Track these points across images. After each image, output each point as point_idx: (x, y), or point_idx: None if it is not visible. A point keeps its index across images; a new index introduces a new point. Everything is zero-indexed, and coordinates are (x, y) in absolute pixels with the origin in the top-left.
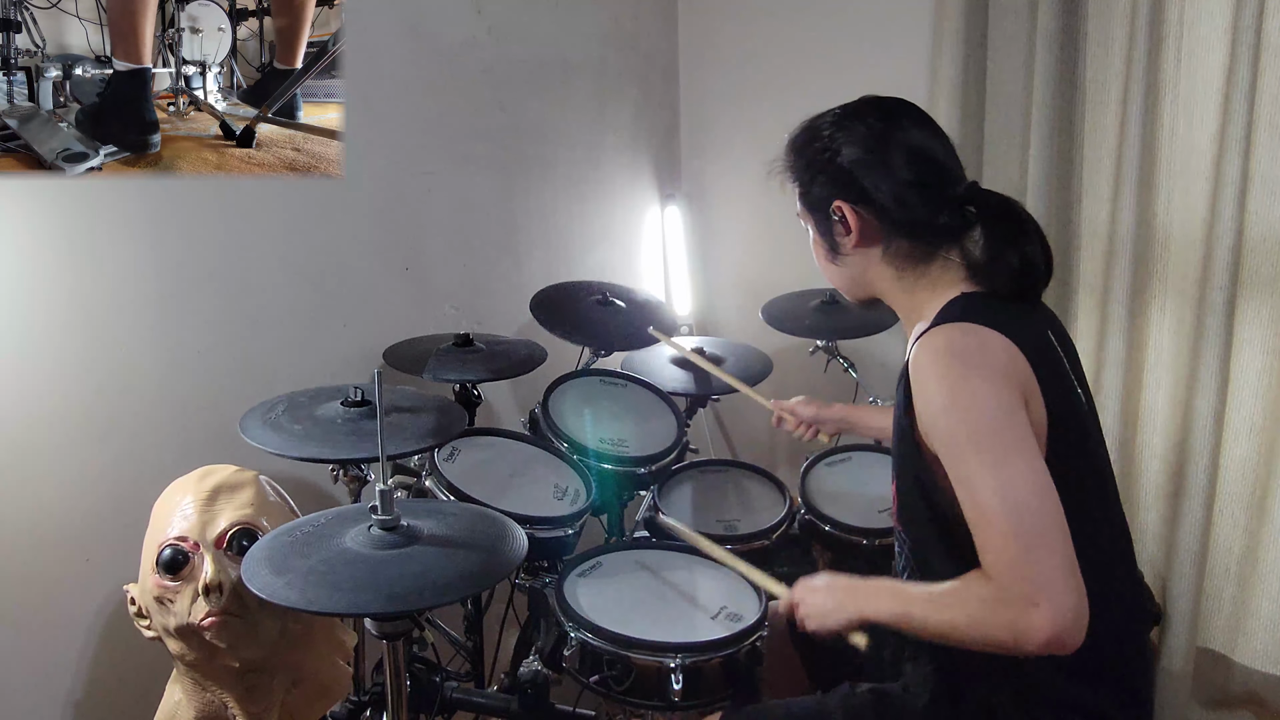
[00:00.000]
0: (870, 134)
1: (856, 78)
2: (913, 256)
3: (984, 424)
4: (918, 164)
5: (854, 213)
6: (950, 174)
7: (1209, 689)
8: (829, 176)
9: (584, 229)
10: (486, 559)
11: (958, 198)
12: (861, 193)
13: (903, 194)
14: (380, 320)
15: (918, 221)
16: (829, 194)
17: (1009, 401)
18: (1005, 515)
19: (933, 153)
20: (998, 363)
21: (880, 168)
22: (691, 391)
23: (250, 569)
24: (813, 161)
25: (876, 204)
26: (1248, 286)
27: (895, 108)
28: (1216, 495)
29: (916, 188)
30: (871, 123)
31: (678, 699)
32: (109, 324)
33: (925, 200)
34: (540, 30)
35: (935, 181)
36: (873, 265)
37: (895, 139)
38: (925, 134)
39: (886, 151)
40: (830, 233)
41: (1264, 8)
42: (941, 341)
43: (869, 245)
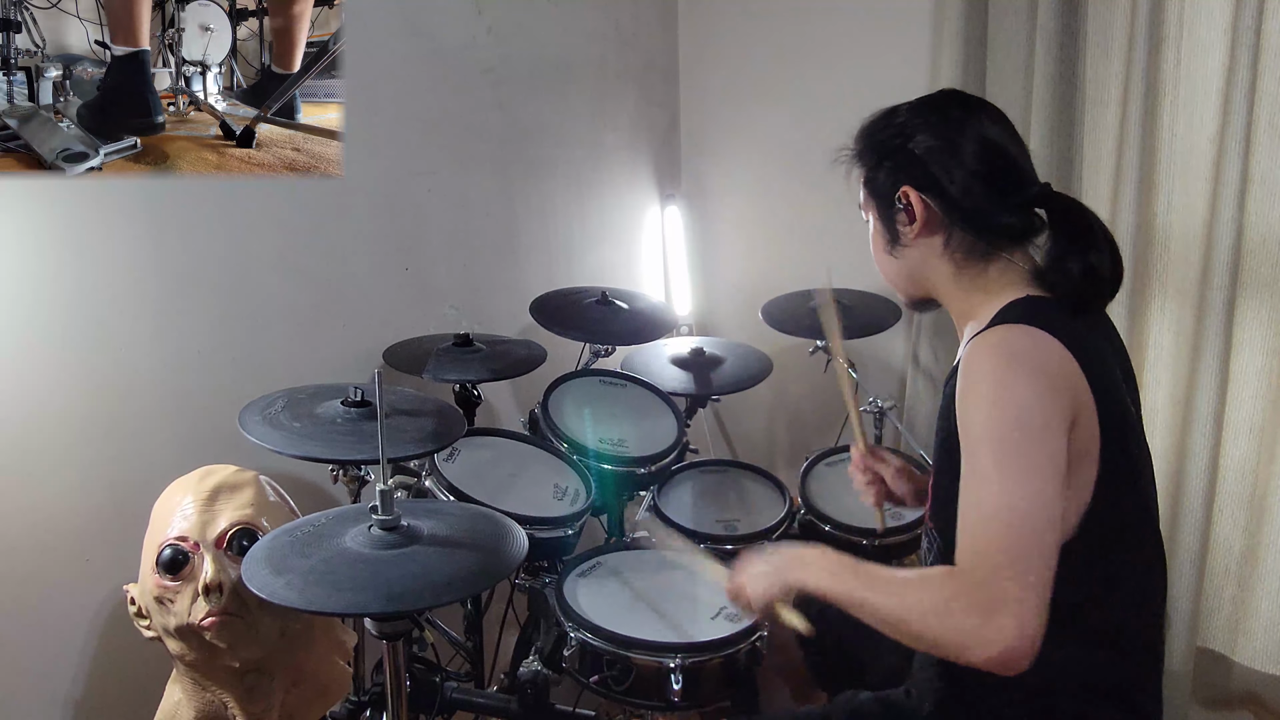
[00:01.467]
0: (946, 123)
1: (856, 78)
2: (974, 253)
3: (1017, 432)
4: (990, 158)
5: (920, 200)
6: (1023, 173)
7: (1209, 689)
8: (899, 161)
9: (584, 229)
10: (486, 559)
11: (1028, 198)
12: (930, 180)
13: (972, 185)
14: (380, 320)
15: (983, 216)
16: (897, 179)
17: (1050, 414)
18: (1006, 524)
19: (1007, 150)
20: (1049, 369)
21: (952, 156)
22: (691, 391)
23: (250, 569)
24: (883, 145)
25: (944, 193)
26: (1247, 287)
27: (975, 102)
28: (1216, 495)
29: (986, 181)
30: (949, 112)
31: (677, 699)
32: (109, 324)
33: (993, 195)
34: (540, 30)
35: (1006, 178)
36: (931, 259)
37: (971, 131)
38: (1002, 132)
39: (961, 141)
40: (893, 220)
41: (1264, 8)
42: (996, 339)
43: (931, 235)
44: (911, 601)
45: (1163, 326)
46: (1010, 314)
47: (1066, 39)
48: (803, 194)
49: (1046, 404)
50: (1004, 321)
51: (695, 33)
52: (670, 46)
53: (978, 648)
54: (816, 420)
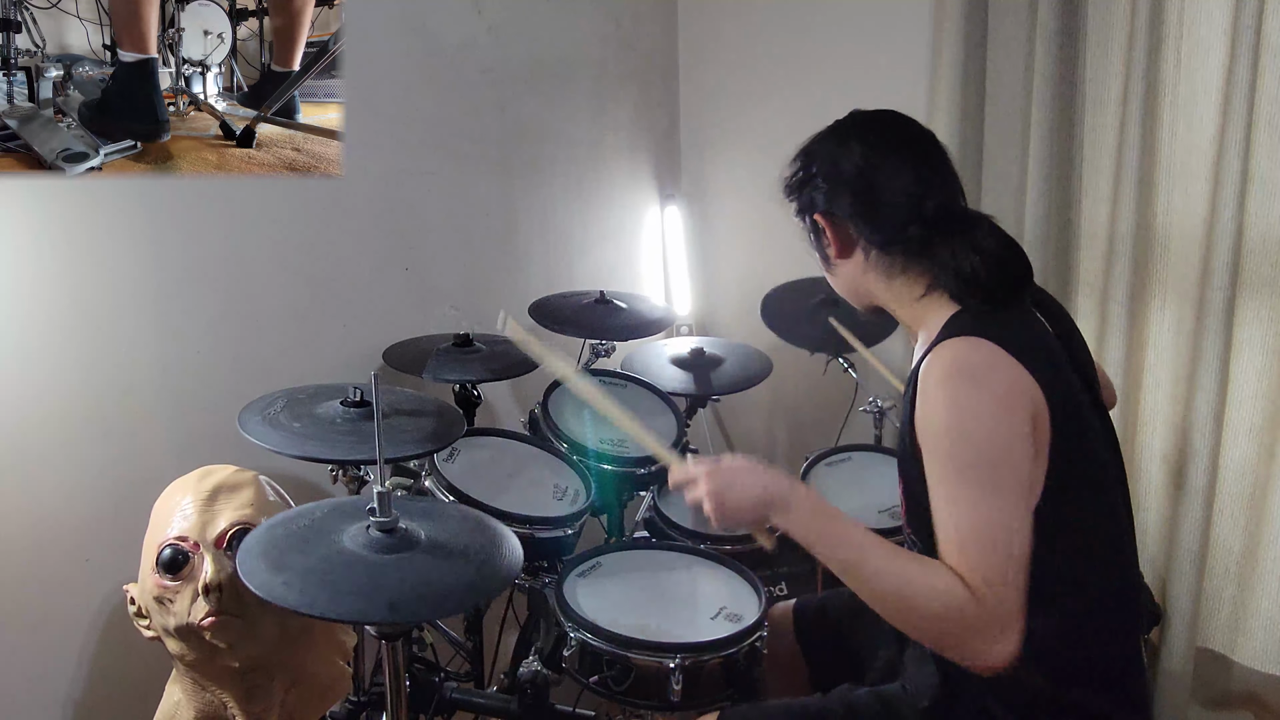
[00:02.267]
0: (841, 150)
1: (856, 78)
2: (894, 268)
3: (982, 454)
4: (880, 181)
5: (830, 226)
6: (914, 191)
7: (1209, 689)
8: (808, 192)
9: (584, 229)
10: (483, 571)
11: (921, 213)
12: (834, 206)
13: (865, 210)
14: (380, 320)
15: (883, 235)
16: (809, 206)
17: (1012, 429)
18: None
19: (896, 170)
20: (1004, 382)
21: (846, 183)
22: (691, 391)
23: (246, 563)
24: (795, 175)
25: (846, 217)
26: (1247, 287)
27: (870, 122)
28: (1216, 495)
29: (878, 204)
30: (845, 139)
31: (677, 699)
32: (109, 324)
33: (886, 216)
34: (540, 30)
35: (896, 200)
36: (859, 275)
37: (861, 155)
38: (896, 149)
39: (852, 168)
40: (818, 243)
41: (1264, 8)
42: (950, 356)
43: (849, 256)
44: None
45: (1163, 326)
46: (957, 326)
47: (1066, 39)
48: None
49: (1005, 419)
50: (955, 334)
51: (695, 33)
52: (670, 46)
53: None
54: (816, 420)
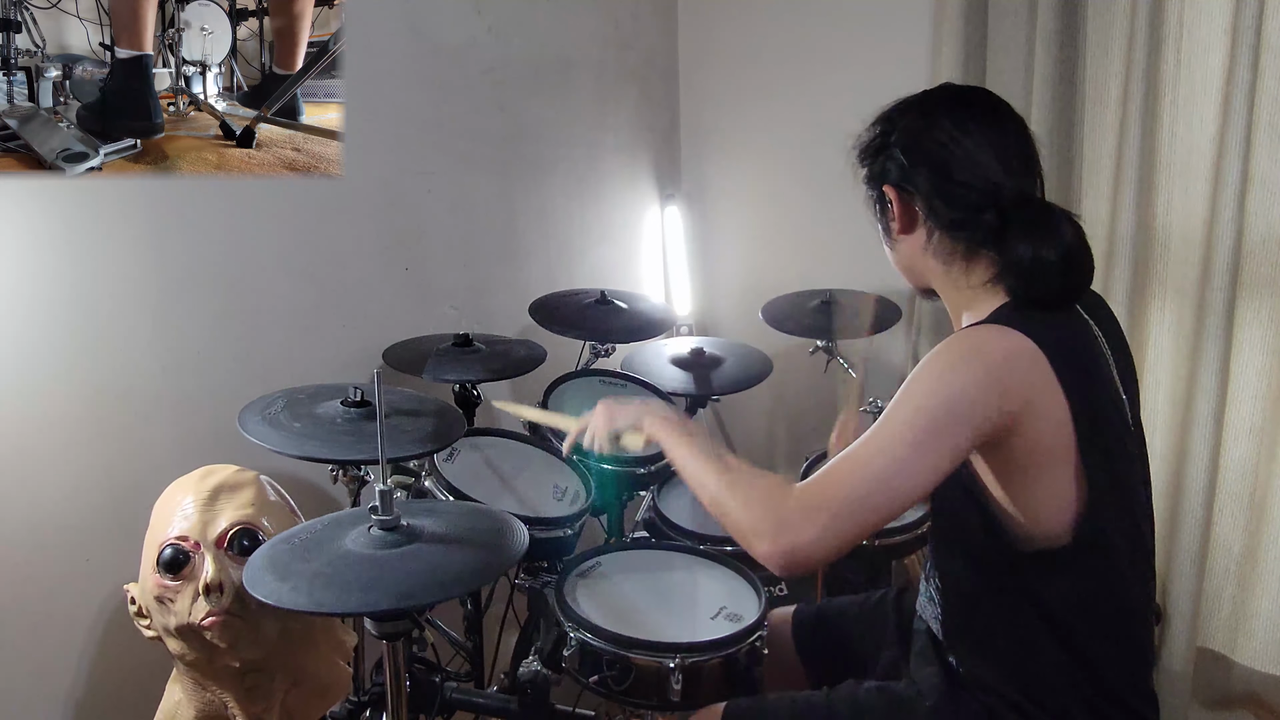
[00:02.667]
0: (924, 125)
1: (856, 78)
2: (954, 253)
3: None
4: (961, 162)
5: (898, 200)
6: (994, 178)
7: (1209, 689)
8: (881, 160)
9: (584, 229)
10: (488, 554)
11: (998, 200)
12: (905, 180)
13: (940, 189)
14: (380, 320)
15: (953, 219)
16: (881, 176)
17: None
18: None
19: (981, 153)
20: (1009, 366)
21: (924, 159)
22: (691, 391)
23: (253, 577)
24: (872, 141)
25: (919, 194)
26: (1247, 287)
27: (962, 100)
28: (1216, 495)
29: (954, 185)
30: (930, 113)
31: (677, 699)
32: (109, 324)
33: (961, 198)
34: (540, 30)
35: (975, 181)
36: (919, 254)
37: (945, 132)
38: (984, 131)
39: (934, 144)
40: (882, 215)
41: (1264, 8)
42: (968, 334)
43: (912, 233)
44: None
45: (1163, 326)
46: (998, 315)
47: (1066, 39)
48: (803, 194)
49: (974, 401)
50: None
51: (695, 33)
52: (670, 46)
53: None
54: (816, 420)
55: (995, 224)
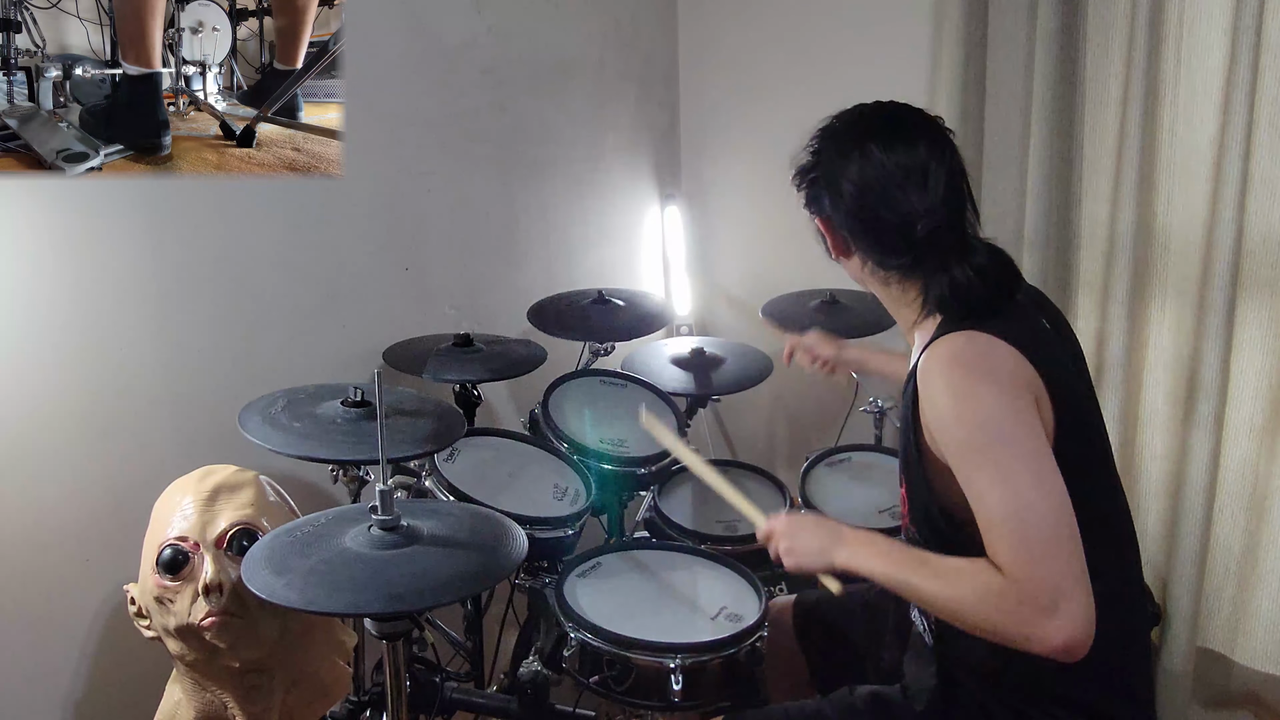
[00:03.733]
0: (840, 160)
1: (856, 78)
2: (889, 278)
3: (993, 432)
4: (874, 200)
5: (828, 229)
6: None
7: (1209, 689)
8: (810, 191)
9: (584, 229)
10: (487, 559)
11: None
12: (830, 215)
13: (857, 228)
14: (380, 320)
15: (875, 254)
16: (810, 207)
17: (1017, 406)
18: (1018, 524)
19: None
20: (1004, 368)
21: (840, 197)
22: (691, 391)
23: (250, 570)
24: (805, 169)
25: (843, 227)
26: (1248, 287)
27: (874, 127)
28: (1216, 495)
29: (871, 225)
30: (845, 147)
31: (678, 699)
32: (109, 324)
33: (875, 239)
34: (540, 30)
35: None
36: (859, 276)
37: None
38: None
39: (848, 183)
40: (821, 240)
41: (1264, 8)
42: (947, 350)
43: (847, 258)
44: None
45: (1163, 326)
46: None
47: (1066, 39)
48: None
49: (1009, 398)
50: (950, 330)
51: (695, 33)
52: (670, 46)
53: (1040, 644)
54: (816, 420)
55: (913, 259)
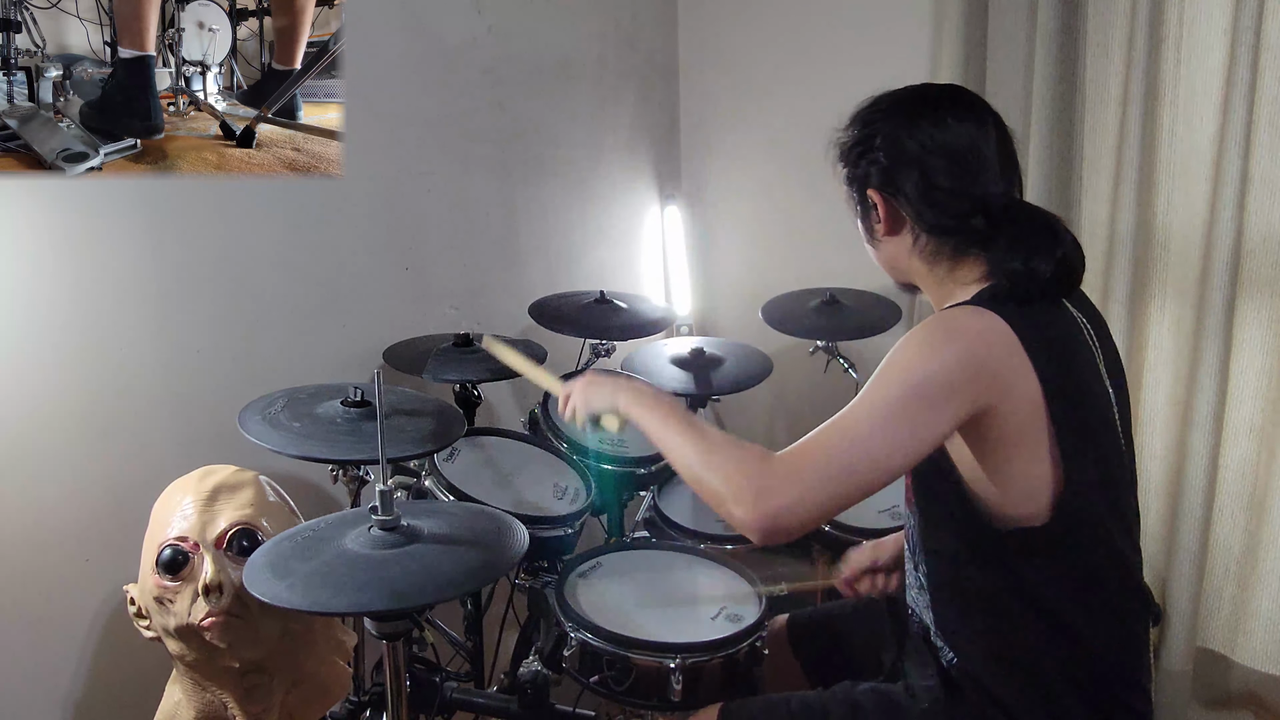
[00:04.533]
0: (909, 127)
1: (856, 78)
2: (941, 253)
3: (917, 379)
4: (949, 166)
5: (885, 202)
6: (982, 180)
7: (1209, 689)
8: (866, 161)
9: (584, 229)
10: (488, 554)
11: (987, 205)
12: (891, 183)
13: (929, 195)
14: (380, 320)
15: (942, 221)
16: (865, 179)
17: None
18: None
19: (968, 156)
20: (981, 349)
21: (911, 165)
22: (691, 391)
23: (252, 576)
24: (857, 143)
25: (906, 199)
26: (1247, 286)
27: (944, 100)
28: (1216, 495)
29: (943, 191)
30: (914, 113)
31: (678, 699)
32: (109, 324)
33: (951, 203)
34: (540, 30)
35: (964, 186)
36: (903, 255)
37: (931, 137)
38: (969, 133)
39: (916, 148)
40: (866, 217)
41: (1263, 8)
42: (942, 316)
43: (898, 234)
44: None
45: (1163, 326)
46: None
47: (1066, 39)
48: (803, 194)
49: (954, 381)
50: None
51: (695, 33)
52: (670, 46)
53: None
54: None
55: (984, 229)
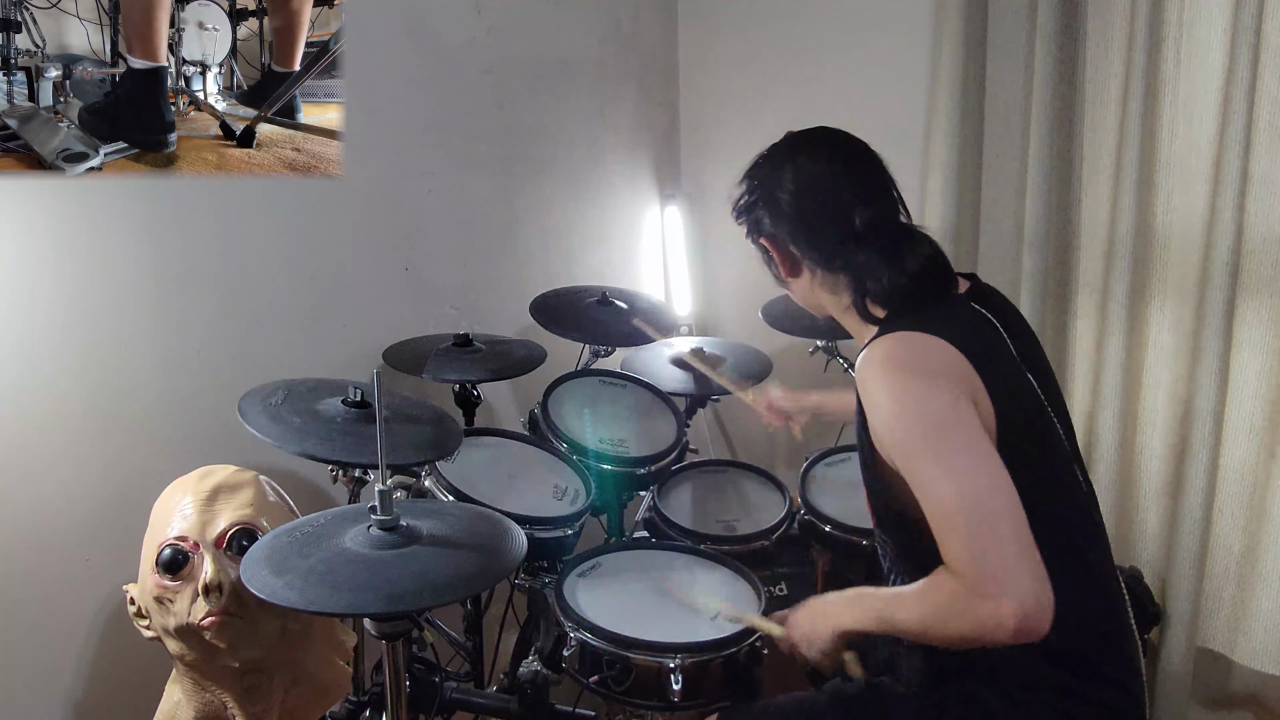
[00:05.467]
0: (774, 176)
1: (856, 78)
2: (839, 283)
3: (929, 424)
4: (809, 204)
5: (775, 248)
6: (844, 209)
7: (1209, 689)
8: (753, 216)
9: (584, 229)
10: (486, 559)
11: (853, 230)
12: (775, 231)
13: (800, 232)
14: (380, 320)
15: (822, 254)
16: (756, 230)
17: (952, 399)
18: (959, 512)
19: (824, 190)
20: (935, 364)
21: (780, 209)
22: (691, 391)
23: (249, 569)
24: (742, 199)
25: (791, 242)
26: (1247, 286)
27: (800, 145)
28: (1216, 495)
29: (811, 226)
30: (777, 164)
31: (677, 699)
32: (109, 324)
33: (819, 235)
34: (540, 30)
35: (825, 218)
36: (809, 291)
37: (792, 180)
38: (821, 170)
39: (785, 194)
40: (769, 264)
41: (1263, 8)
42: (880, 353)
43: (797, 275)
44: (923, 610)
45: (1162, 326)
46: (888, 326)
47: (1066, 39)
48: None
49: (943, 391)
50: (883, 334)
51: (695, 33)
52: (670, 46)
53: (994, 632)
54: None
55: (855, 252)
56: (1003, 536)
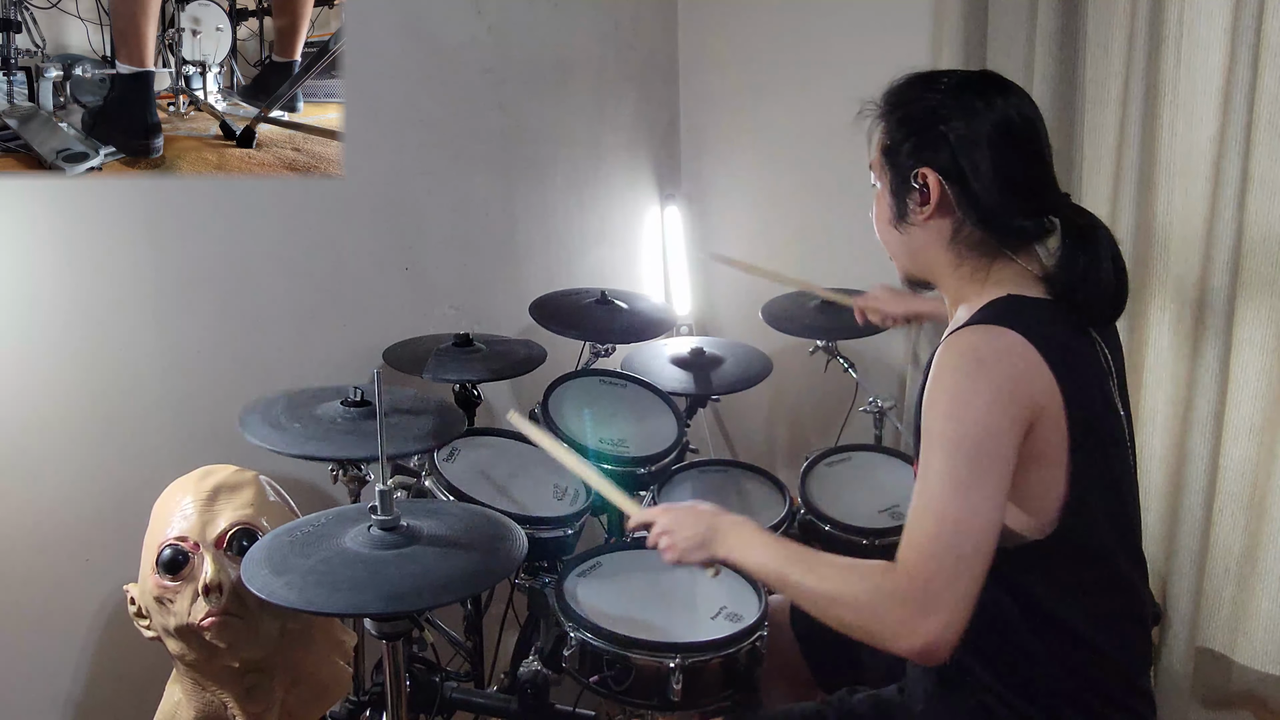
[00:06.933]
0: (986, 112)
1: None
2: (980, 247)
3: (970, 439)
4: (1020, 159)
5: (940, 185)
6: (1047, 179)
7: (1209, 689)
8: (926, 140)
9: (584, 229)
10: (486, 559)
11: (1045, 204)
12: (955, 169)
13: (995, 184)
14: (380, 320)
15: (999, 216)
16: (919, 157)
17: (1006, 421)
18: (942, 520)
19: (1039, 152)
20: (1012, 373)
21: (983, 151)
22: (691, 391)
23: (250, 569)
24: (914, 118)
25: (966, 185)
26: (1247, 286)
27: (1018, 94)
28: (1216, 495)
29: (1010, 183)
30: (991, 101)
31: (678, 699)
32: (109, 324)
33: (1014, 197)
34: (540, 30)
35: (1029, 182)
36: (936, 243)
37: (1007, 126)
38: (1037, 131)
39: (995, 137)
40: (904, 197)
41: (1264, 8)
42: (965, 344)
43: (941, 221)
44: (844, 589)
45: (1163, 326)
46: (989, 313)
47: (1066, 39)
48: (803, 193)
49: (1001, 416)
50: (982, 320)
51: (695, 33)
52: (670, 46)
53: (903, 640)
54: (816, 420)
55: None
56: (963, 561)
